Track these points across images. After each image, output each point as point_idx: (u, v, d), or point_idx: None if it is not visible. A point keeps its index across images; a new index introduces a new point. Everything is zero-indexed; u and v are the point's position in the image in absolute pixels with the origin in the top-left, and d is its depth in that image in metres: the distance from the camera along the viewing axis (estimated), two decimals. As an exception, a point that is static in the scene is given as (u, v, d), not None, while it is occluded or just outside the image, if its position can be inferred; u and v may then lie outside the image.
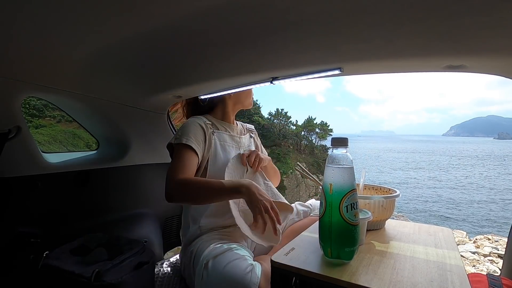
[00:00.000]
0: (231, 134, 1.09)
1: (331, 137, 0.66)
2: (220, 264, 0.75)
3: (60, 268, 0.80)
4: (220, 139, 1.04)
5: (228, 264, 0.73)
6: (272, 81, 0.91)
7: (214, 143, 1.01)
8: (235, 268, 0.72)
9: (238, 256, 0.76)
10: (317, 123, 22.71)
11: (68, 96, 1.05)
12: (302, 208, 1.13)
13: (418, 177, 24.70)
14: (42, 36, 0.67)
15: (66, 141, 8.40)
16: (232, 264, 0.73)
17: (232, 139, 1.08)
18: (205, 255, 0.80)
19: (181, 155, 0.92)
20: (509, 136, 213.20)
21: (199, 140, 0.96)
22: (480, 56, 0.66)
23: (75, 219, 1.10)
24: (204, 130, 0.99)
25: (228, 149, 1.04)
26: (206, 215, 0.95)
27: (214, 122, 1.07)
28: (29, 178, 0.97)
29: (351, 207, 0.61)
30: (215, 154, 1.00)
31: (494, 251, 2.72)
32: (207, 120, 1.04)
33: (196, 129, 0.97)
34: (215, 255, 0.78)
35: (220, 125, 1.08)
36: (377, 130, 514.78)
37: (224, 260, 0.75)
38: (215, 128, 1.05)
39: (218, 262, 0.75)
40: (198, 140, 0.96)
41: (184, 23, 0.61)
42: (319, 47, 0.69)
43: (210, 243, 0.86)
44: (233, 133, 1.10)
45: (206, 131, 1.00)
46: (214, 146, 1.01)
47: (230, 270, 0.72)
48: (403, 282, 0.56)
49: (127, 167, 1.31)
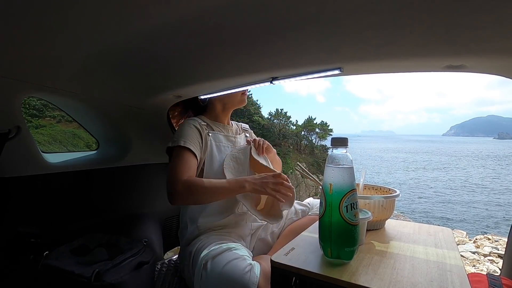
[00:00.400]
0: (226, 134, 1.09)
1: (331, 137, 0.66)
2: (219, 264, 0.75)
3: (60, 268, 0.80)
4: (216, 139, 1.05)
5: (227, 264, 0.73)
6: (272, 81, 0.91)
7: (210, 144, 1.02)
8: (234, 268, 0.72)
9: (237, 256, 0.76)
10: (317, 123, 22.69)
11: (68, 96, 1.05)
12: (300, 207, 1.12)
13: (418, 177, 24.68)
14: (42, 36, 0.67)
15: (66, 141, 8.39)
16: (231, 264, 0.73)
17: (227, 139, 1.09)
18: (203, 256, 0.80)
19: (180, 157, 0.93)
20: (509, 136, 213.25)
21: (196, 142, 0.97)
22: (480, 56, 0.66)
23: (75, 219, 1.10)
24: (200, 132, 1.00)
25: (224, 150, 1.05)
26: (203, 215, 0.96)
27: (208, 123, 1.08)
28: (29, 178, 0.97)
29: (351, 207, 0.61)
30: (211, 155, 1.01)
31: (494, 251, 2.72)
32: (202, 121, 1.05)
33: (193, 131, 0.98)
34: (213, 256, 0.78)
35: (214, 126, 1.08)
36: (377, 130, 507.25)
37: (223, 260, 0.75)
38: (210, 129, 1.06)
39: (217, 262, 0.75)
40: (196, 142, 0.97)
41: (184, 23, 0.61)
42: (319, 47, 0.69)
43: (209, 243, 0.86)
44: (228, 133, 1.11)
45: (202, 133, 1.01)
46: (210, 147, 1.02)
47: (229, 270, 0.72)
48: (403, 282, 0.56)
49: (127, 167, 1.31)
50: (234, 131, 1.15)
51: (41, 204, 1.01)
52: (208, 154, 1.01)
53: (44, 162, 1.02)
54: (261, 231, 1.07)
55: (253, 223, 1.03)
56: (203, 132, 1.01)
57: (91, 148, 6.44)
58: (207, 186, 0.87)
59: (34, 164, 0.98)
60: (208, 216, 0.96)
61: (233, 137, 1.11)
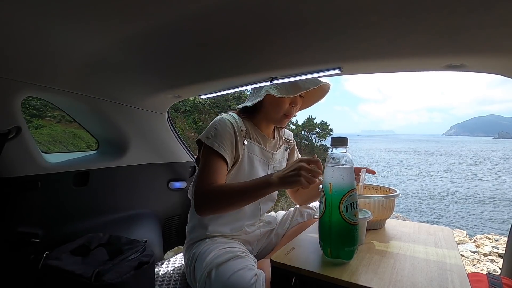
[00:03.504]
0: (262, 147, 0.99)
1: (331, 136, 0.65)
2: (224, 274, 0.74)
3: (60, 268, 0.80)
4: (250, 150, 0.95)
5: (232, 275, 0.73)
6: (272, 81, 0.91)
7: (242, 154, 0.93)
8: (239, 279, 0.71)
9: (242, 265, 0.75)
10: (317, 123, 22.63)
11: (68, 96, 1.05)
12: (306, 210, 1.12)
13: (418, 177, 24.50)
14: (42, 36, 0.67)
15: (66, 141, 8.39)
16: (236, 276, 0.72)
17: (262, 153, 0.99)
18: (208, 262, 0.79)
19: (211, 162, 0.86)
20: (509, 136, 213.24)
21: (230, 149, 0.89)
22: (480, 55, 0.66)
23: (75, 219, 1.10)
24: (237, 138, 0.91)
25: (256, 164, 0.96)
26: (214, 223, 0.92)
27: (249, 128, 0.97)
28: (29, 178, 0.97)
29: (351, 207, 0.61)
30: (239, 167, 0.93)
31: (495, 251, 2.72)
32: (243, 126, 0.95)
33: (230, 135, 0.89)
34: (218, 264, 0.77)
35: (254, 133, 0.98)
36: (377, 129, 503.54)
37: (228, 271, 0.74)
38: (248, 136, 0.96)
39: (222, 272, 0.74)
40: (230, 149, 0.89)
41: (184, 23, 0.61)
42: (318, 47, 0.69)
43: (214, 247, 0.84)
44: (265, 147, 1.00)
45: (238, 139, 0.91)
46: (241, 157, 0.93)
47: (234, 283, 0.71)
48: (403, 282, 0.56)
49: (127, 167, 1.31)
50: (272, 145, 1.04)
51: (41, 204, 1.01)
52: (237, 165, 0.92)
53: (44, 162, 1.02)
54: (268, 233, 1.06)
55: (261, 230, 1.02)
56: (240, 139, 0.91)
57: (91, 148, 6.43)
58: (231, 193, 0.80)
59: (34, 164, 0.98)
60: (220, 226, 0.92)
61: (270, 152, 1.01)
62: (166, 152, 1.48)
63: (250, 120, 1.00)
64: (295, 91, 0.92)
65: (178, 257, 1.19)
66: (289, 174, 0.74)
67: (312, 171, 0.73)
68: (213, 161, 0.85)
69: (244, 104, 1.01)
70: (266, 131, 1.02)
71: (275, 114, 0.96)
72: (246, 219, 0.96)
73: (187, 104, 9.94)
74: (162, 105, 1.34)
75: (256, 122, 1.00)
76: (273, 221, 1.08)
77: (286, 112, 0.96)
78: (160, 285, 1.00)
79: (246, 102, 1.00)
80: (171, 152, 1.50)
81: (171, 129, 1.49)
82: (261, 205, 1.00)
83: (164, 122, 1.45)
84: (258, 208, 1.00)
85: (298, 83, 0.92)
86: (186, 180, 1.56)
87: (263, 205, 1.01)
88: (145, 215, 1.35)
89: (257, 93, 0.97)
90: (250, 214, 0.97)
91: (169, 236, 1.50)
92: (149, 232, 1.31)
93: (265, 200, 1.02)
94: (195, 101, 9.83)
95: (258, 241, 1.03)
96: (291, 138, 1.13)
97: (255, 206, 0.98)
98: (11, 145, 0.90)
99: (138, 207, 1.35)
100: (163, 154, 1.46)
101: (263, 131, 1.01)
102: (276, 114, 0.96)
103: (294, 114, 0.99)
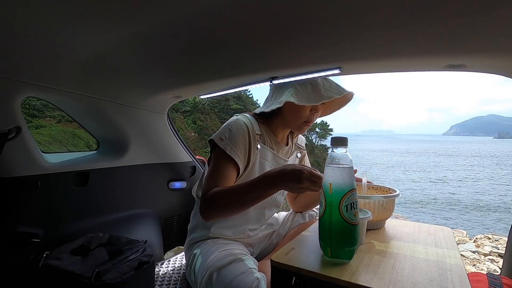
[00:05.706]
0: (275, 153, 0.96)
1: (331, 136, 0.66)
2: (225, 278, 0.73)
3: (61, 268, 0.80)
4: (262, 155, 0.92)
5: (234, 279, 0.72)
6: (272, 81, 0.91)
7: (254, 160, 0.90)
8: (240, 283, 0.71)
9: (244, 269, 0.75)
10: (317, 123, 22.64)
11: (68, 96, 1.05)
12: (308, 211, 1.12)
13: (418, 178, 24.42)
14: (42, 36, 0.67)
15: (66, 141, 8.39)
16: (237, 280, 0.72)
17: (274, 159, 0.96)
18: (209, 264, 0.79)
19: (222, 166, 0.83)
20: (509, 136, 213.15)
21: (243, 153, 0.86)
22: (480, 55, 0.66)
23: (75, 219, 1.10)
24: (251, 142, 0.88)
25: (267, 170, 0.91)
26: (217, 225, 0.91)
27: (264, 132, 0.94)
28: (29, 178, 0.97)
29: (351, 207, 0.60)
30: (250, 172, 0.90)
31: (495, 250, 2.72)
32: (258, 130, 0.91)
33: (244, 140, 0.86)
34: (219, 266, 0.76)
35: (269, 138, 0.95)
36: (377, 129, 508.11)
37: (230, 274, 0.74)
38: (262, 141, 0.93)
39: (223, 276, 0.74)
40: (243, 153, 0.86)
41: (184, 23, 0.61)
42: (318, 47, 0.69)
43: (215, 249, 0.84)
44: (278, 153, 0.97)
45: (252, 143, 0.88)
46: (253, 162, 0.90)
47: (236, 287, 0.71)
48: (403, 282, 0.56)
49: (127, 167, 1.31)
50: (285, 151, 1.01)
51: (41, 204, 1.01)
52: (248, 170, 0.89)
53: (44, 162, 1.02)
54: (270, 235, 1.06)
55: (264, 232, 1.01)
56: (254, 143, 0.88)
57: (91, 148, 6.43)
58: (232, 192, 0.78)
59: (34, 164, 0.98)
60: (223, 228, 0.92)
61: (282, 159, 0.98)
62: (166, 152, 1.48)
63: (266, 125, 0.96)
64: (317, 99, 0.87)
65: (178, 257, 1.19)
66: (294, 183, 0.72)
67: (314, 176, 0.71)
68: (224, 165, 0.83)
69: (261, 109, 0.96)
70: (281, 136, 0.99)
71: (295, 121, 0.93)
72: (250, 223, 0.96)
73: (187, 104, 9.94)
74: (162, 105, 1.34)
75: (272, 127, 0.97)
76: (275, 222, 1.08)
77: (307, 119, 0.92)
78: (160, 285, 1.00)
79: (263, 107, 0.96)
80: (171, 152, 1.50)
81: (171, 129, 1.49)
82: (266, 211, 0.99)
83: (164, 122, 1.45)
84: (263, 214, 0.99)
85: (321, 91, 0.87)
86: (186, 180, 1.55)
87: (268, 210, 1.00)
88: (145, 215, 1.35)
89: (276, 98, 0.92)
90: (254, 219, 0.97)
91: (169, 236, 1.50)
92: (149, 232, 1.31)
93: (270, 206, 1.00)
94: (195, 101, 9.83)
95: (259, 242, 1.03)
96: (303, 145, 1.11)
97: (260, 212, 0.97)
98: (11, 145, 0.90)
99: (138, 207, 1.35)
100: (163, 154, 1.46)
101: (278, 136, 0.98)
102: (296, 121, 0.92)
103: (314, 121, 0.95)
